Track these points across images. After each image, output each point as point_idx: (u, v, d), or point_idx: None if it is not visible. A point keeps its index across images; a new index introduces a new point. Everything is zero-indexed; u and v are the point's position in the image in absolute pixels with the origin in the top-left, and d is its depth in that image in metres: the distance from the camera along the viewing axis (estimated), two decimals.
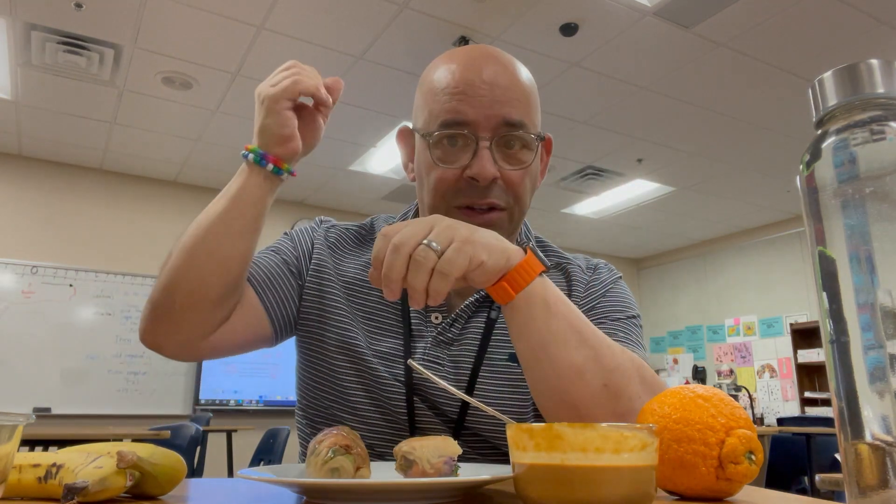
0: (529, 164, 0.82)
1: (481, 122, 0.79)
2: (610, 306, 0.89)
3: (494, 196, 0.80)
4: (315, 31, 3.49)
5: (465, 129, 0.80)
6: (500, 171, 0.80)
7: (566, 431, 0.42)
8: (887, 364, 0.34)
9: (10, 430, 0.41)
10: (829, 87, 0.40)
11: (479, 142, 0.79)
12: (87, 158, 5.32)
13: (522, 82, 0.83)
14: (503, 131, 0.80)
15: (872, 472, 0.35)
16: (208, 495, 0.58)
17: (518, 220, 0.86)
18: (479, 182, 0.79)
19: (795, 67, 3.84)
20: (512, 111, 0.80)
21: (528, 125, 0.82)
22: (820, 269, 0.38)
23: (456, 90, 0.80)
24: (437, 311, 0.87)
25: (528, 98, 0.83)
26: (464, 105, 0.79)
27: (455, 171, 0.80)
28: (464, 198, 0.80)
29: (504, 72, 0.82)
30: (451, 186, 0.81)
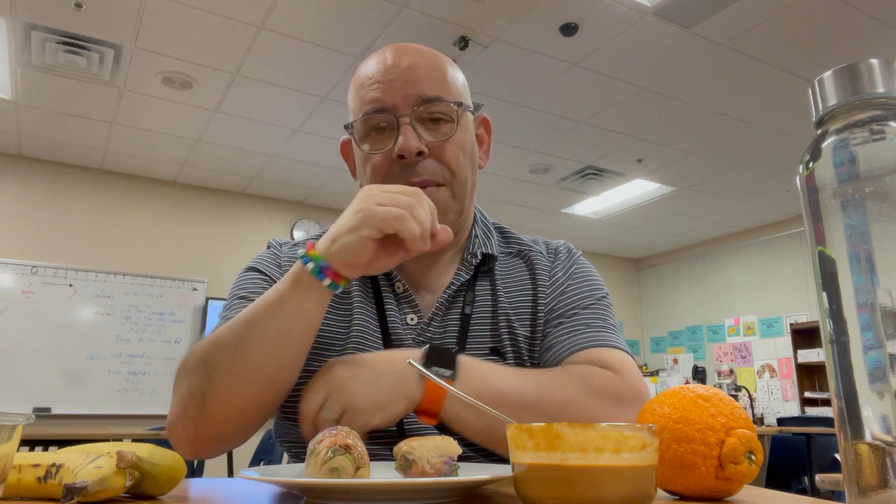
0: (454, 134, 0.83)
1: (398, 103, 0.81)
2: (578, 292, 0.89)
3: (427, 172, 0.81)
4: (315, 31, 3.49)
5: (385, 113, 0.81)
6: (427, 146, 0.81)
7: (566, 431, 0.42)
8: (887, 364, 0.34)
9: (10, 430, 0.41)
10: (829, 87, 0.40)
11: (400, 119, 0.81)
12: (87, 158, 5.32)
13: (433, 61, 0.86)
14: (421, 106, 0.81)
15: (872, 472, 0.35)
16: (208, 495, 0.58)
17: (461, 197, 0.86)
18: (407, 157, 0.80)
19: (795, 67, 3.84)
20: (427, 87, 0.82)
21: (445, 98, 0.83)
22: (820, 269, 0.38)
23: (369, 80, 0.83)
24: (412, 311, 0.86)
25: (442, 74, 0.85)
26: (380, 92, 0.81)
27: (385, 155, 0.82)
28: (398, 179, 0.81)
29: (417, 56, 0.84)
30: (385, 171, 0.82)
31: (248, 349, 0.68)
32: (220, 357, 0.69)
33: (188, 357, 0.72)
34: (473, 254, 0.89)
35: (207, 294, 5.70)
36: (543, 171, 5.49)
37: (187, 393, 0.71)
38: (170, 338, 5.51)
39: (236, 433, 0.73)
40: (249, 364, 0.68)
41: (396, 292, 0.87)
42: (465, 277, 0.88)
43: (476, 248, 0.90)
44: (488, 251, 0.90)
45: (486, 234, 0.93)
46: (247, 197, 6.10)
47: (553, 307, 0.88)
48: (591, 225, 6.97)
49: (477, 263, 0.89)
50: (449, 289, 0.87)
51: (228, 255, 5.80)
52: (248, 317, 0.70)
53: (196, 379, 0.70)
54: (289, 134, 4.75)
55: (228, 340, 0.69)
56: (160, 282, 5.56)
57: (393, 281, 0.88)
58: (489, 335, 0.86)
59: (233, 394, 0.69)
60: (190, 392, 0.70)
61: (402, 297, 0.87)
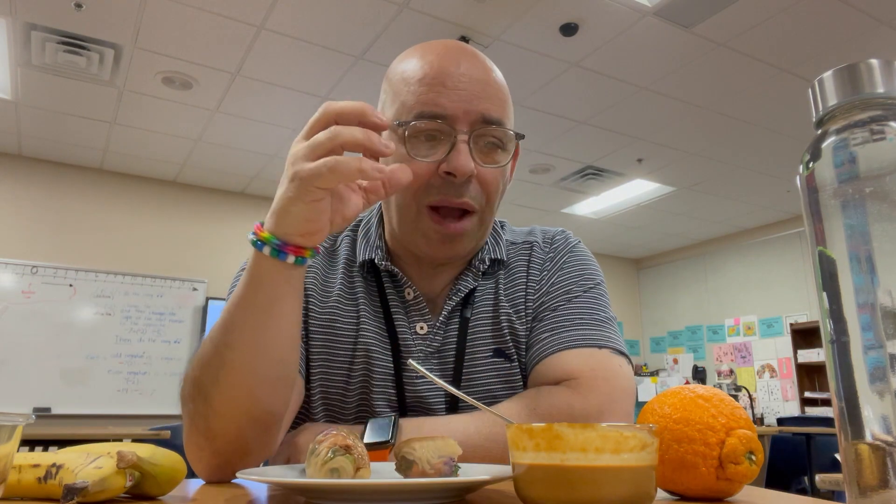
0: (505, 164, 0.80)
1: (460, 116, 0.75)
2: (565, 283, 0.86)
3: (469, 195, 0.77)
4: (315, 31, 3.49)
5: (443, 122, 0.75)
6: (476, 169, 0.76)
7: (566, 432, 0.42)
8: (887, 364, 0.34)
9: (10, 430, 0.41)
10: (829, 87, 0.40)
11: (458, 136, 0.75)
12: (87, 158, 5.32)
13: (499, 81, 0.81)
14: (481, 127, 0.76)
15: (872, 472, 0.35)
16: (208, 496, 0.58)
17: (487, 225, 0.82)
18: (457, 178, 0.75)
19: (795, 67, 3.84)
20: (491, 107, 0.77)
21: (506, 123, 0.79)
22: (820, 269, 0.38)
23: (434, 80, 0.76)
24: (422, 319, 0.84)
25: (504, 97, 0.81)
26: (442, 97, 0.75)
27: (430, 166, 0.75)
28: (437, 195, 0.76)
29: (482, 67, 0.79)
30: (424, 183, 0.76)
31: (232, 355, 0.64)
32: (210, 374, 0.65)
33: (184, 384, 0.68)
34: (482, 260, 0.87)
35: (207, 294, 5.70)
36: (543, 171, 5.49)
37: (190, 425, 0.67)
38: (170, 338, 5.51)
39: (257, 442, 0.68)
40: (239, 370, 0.64)
41: (406, 300, 0.85)
42: (473, 284, 0.86)
43: (485, 254, 0.87)
44: (496, 256, 0.88)
45: (496, 238, 0.91)
46: (247, 197, 6.10)
47: (540, 300, 0.85)
48: (591, 225, 6.97)
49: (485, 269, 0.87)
50: (456, 296, 0.85)
51: (228, 255, 5.79)
52: (224, 320, 0.65)
53: (194, 405, 0.66)
54: (289, 134, 4.75)
55: (212, 353, 0.65)
56: (160, 282, 5.56)
57: (402, 287, 0.85)
58: (491, 337, 0.84)
59: (233, 407, 0.65)
60: (192, 424, 0.67)
61: (411, 305, 0.85)
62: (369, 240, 0.88)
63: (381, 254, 0.86)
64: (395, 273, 0.85)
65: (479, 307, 0.86)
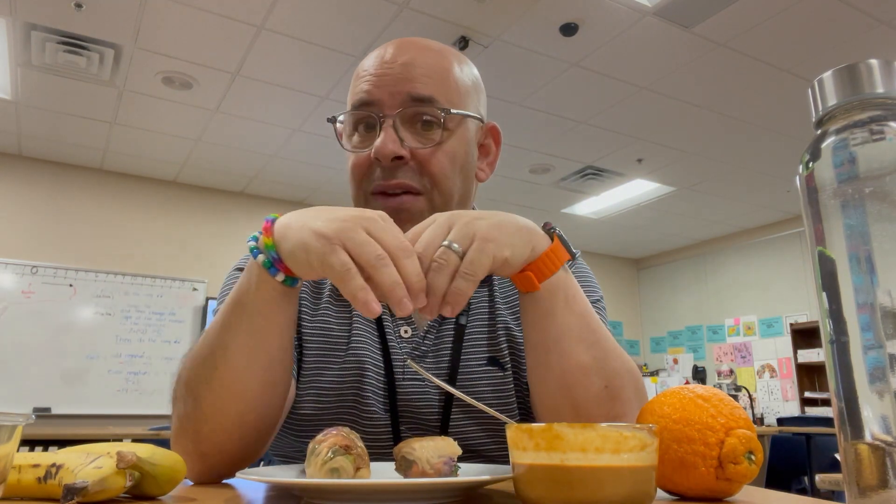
0: (441, 142, 0.77)
1: (385, 100, 0.76)
2: None
3: (404, 177, 0.76)
4: (315, 31, 3.49)
5: (371, 109, 0.76)
6: (410, 151, 0.76)
7: (566, 432, 0.42)
8: (887, 364, 0.34)
9: (10, 430, 0.41)
10: (828, 87, 0.40)
11: (383, 120, 0.76)
12: (87, 158, 5.32)
13: (442, 65, 0.79)
14: (409, 106, 0.76)
15: (872, 472, 0.35)
16: (208, 496, 0.58)
17: (442, 207, 0.78)
18: (381, 161, 0.75)
19: (795, 67, 3.84)
20: (419, 86, 0.76)
21: (440, 101, 0.77)
22: (820, 269, 0.38)
23: (364, 73, 0.78)
24: (406, 323, 0.83)
25: (444, 78, 0.79)
26: (369, 85, 0.77)
27: (366, 156, 0.77)
28: (376, 181, 0.77)
29: (419, 52, 0.79)
30: (364, 172, 0.78)
31: (226, 355, 0.62)
32: (202, 374, 0.63)
33: (176, 384, 0.67)
34: None
35: (207, 294, 5.70)
36: (543, 171, 5.49)
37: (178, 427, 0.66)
38: (170, 338, 5.51)
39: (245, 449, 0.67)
40: (232, 371, 0.62)
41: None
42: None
43: None
44: None
45: None
46: (247, 197, 6.10)
47: None
48: (591, 225, 6.97)
49: None
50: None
51: (228, 255, 5.79)
52: (218, 322, 0.64)
53: (184, 406, 0.65)
54: (289, 134, 4.75)
55: (205, 353, 0.64)
56: (160, 282, 5.56)
57: None
58: (486, 345, 0.83)
59: (223, 409, 0.63)
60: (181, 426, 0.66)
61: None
62: None
63: None
64: None
65: (474, 314, 0.85)
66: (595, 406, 0.65)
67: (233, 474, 0.68)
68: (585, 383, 0.64)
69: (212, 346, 0.64)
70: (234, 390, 0.63)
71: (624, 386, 0.66)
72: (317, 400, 0.80)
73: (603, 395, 0.65)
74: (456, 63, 0.82)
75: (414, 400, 0.80)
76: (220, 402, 0.63)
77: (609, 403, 0.65)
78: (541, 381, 0.67)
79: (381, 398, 0.80)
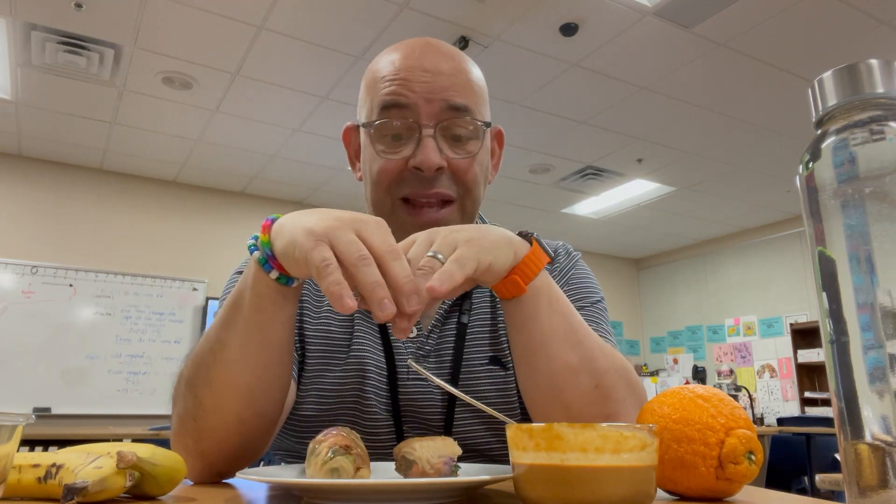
0: (477, 153, 0.79)
1: (422, 106, 0.76)
2: (573, 294, 0.86)
3: (441, 186, 0.77)
4: (315, 31, 3.49)
5: (406, 114, 0.76)
6: (446, 160, 0.77)
7: (566, 431, 0.42)
8: (887, 364, 0.34)
9: (10, 430, 0.41)
10: (828, 87, 0.40)
11: (423, 129, 0.75)
12: (87, 158, 5.32)
13: (467, 70, 0.80)
14: (447, 116, 0.76)
15: (872, 472, 0.35)
16: (208, 496, 0.58)
17: (471, 214, 0.82)
18: (424, 172, 0.75)
19: (795, 67, 3.84)
20: (455, 95, 0.77)
21: (474, 111, 0.78)
22: (820, 270, 0.38)
23: (396, 76, 0.77)
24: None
25: (472, 85, 0.80)
26: (404, 89, 0.76)
27: (398, 162, 0.77)
28: (408, 188, 0.77)
29: (447, 60, 0.79)
30: (395, 178, 0.77)
31: (226, 353, 0.62)
32: (203, 372, 0.64)
33: (177, 383, 0.68)
34: None
35: (207, 294, 5.70)
36: (543, 171, 5.49)
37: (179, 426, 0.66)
38: (170, 338, 5.51)
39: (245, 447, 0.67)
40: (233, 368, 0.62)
41: None
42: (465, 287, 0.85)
43: None
44: None
45: None
46: (247, 197, 6.10)
47: None
48: (591, 225, 6.97)
49: None
50: (447, 300, 0.83)
51: (228, 255, 5.79)
52: (217, 321, 0.64)
53: (184, 404, 0.65)
54: (289, 134, 4.76)
55: (206, 351, 0.64)
56: (160, 282, 5.56)
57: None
58: (488, 344, 0.83)
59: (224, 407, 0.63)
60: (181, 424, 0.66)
61: None
62: None
63: None
64: None
65: (476, 313, 0.85)
66: (587, 406, 0.64)
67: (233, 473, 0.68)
68: (574, 383, 0.64)
69: (211, 344, 0.64)
70: (232, 386, 0.63)
71: (615, 385, 0.66)
72: (318, 401, 0.80)
73: (594, 394, 0.65)
74: (473, 69, 0.83)
75: (417, 401, 0.80)
76: (219, 400, 0.63)
77: (601, 403, 0.65)
78: (530, 384, 0.67)
79: (384, 399, 0.80)
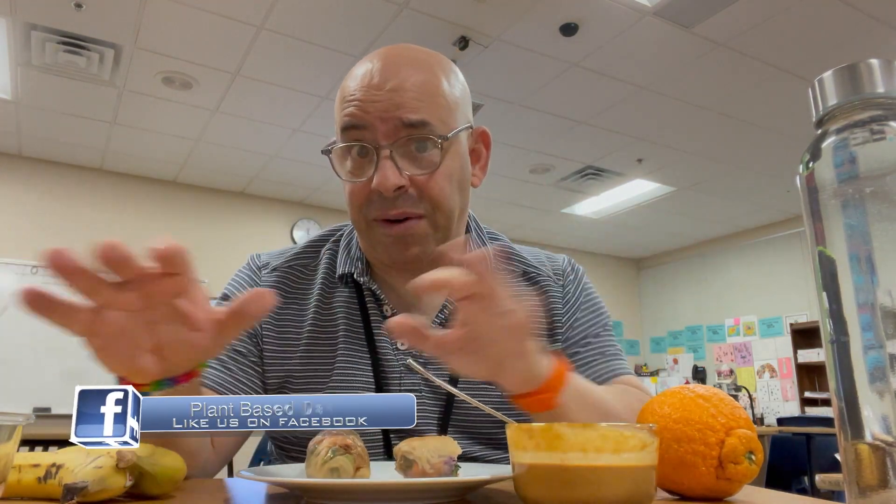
0: (439, 166, 0.77)
1: (378, 125, 0.75)
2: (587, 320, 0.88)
3: (405, 205, 0.76)
4: (315, 31, 3.49)
5: (364, 135, 0.76)
6: (409, 178, 0.76)
7: (566, 431, 0.42)
8: (887, 364, 0.34)
9: (10, 430, 0.41)
10: (829, 86, 0.40)
11: (380, 151, 0.75)
12: (87, 158, 5.31)
13: (429, 80, 0.78)
14: (404, 134, 0.75)
15: (872, 472, 0.35)
16: (208, 495, 0.58)
17: (446, 226, 0.80)
18: (384, 193, 0.75)
19: (795, 67, 3.84)
20: (410, 111, 0.75)
21: (434, 124, 0.76)
22: (820, 269, 0.38)
23: (353, 97, 0.77)
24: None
25: (433, 96, 0.77)
26: (360, 110, 0.76)
27: (364, 185, 0.77)
28: (375, 210, 0.77)
29: (409, 72, 0.77)
30: (364, 200, 0.78)
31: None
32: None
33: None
34: None
35: (207, 294, 5.69)
36: (543, 171, 5.49)
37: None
38: None
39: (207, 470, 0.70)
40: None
41: (385, 316, 0.83)
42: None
43: None
44: None
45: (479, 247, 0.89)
46: (247, 197, 6.10)
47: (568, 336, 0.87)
48: (591, 225, 6.97)
49: None
50: (444, 311, 0.83)
51: (228, 256, 5.77)
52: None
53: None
54: (289, 134, 4.75)
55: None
56: None
57: (382, 304, 0.84)
58: None
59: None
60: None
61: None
62: (350, 252, 0.88)
63: (362, 266, 0.85)
64: (373, 289, 0.84)
65: None
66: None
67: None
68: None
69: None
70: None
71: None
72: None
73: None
74: (443, 75, 0.80)
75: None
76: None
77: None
78: None
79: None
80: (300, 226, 6.21)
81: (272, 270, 0.88)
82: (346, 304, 0.85)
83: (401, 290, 0.85)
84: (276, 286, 0.86)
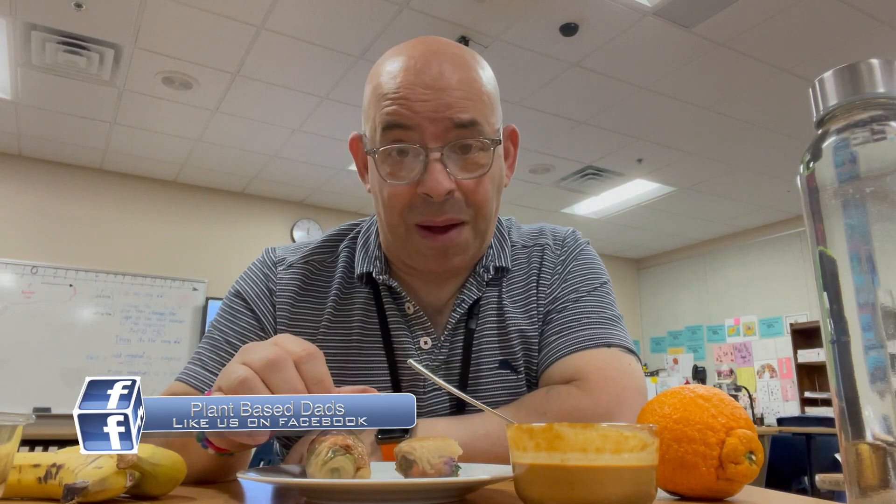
0: (489, 169, 0.74)
1: (427, 127, 0.71)
2: (569, 284, 0.84)
3: (452, 210, 0.74)
4: (315, 31, 3.49)
5: (410, 136, 0.72)
6: (456, 182, 0.73)
7: (566, 432, 0.42)
8: (888, 364, 0.34)
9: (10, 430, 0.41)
10: (829, 86, 0.40)
11: (429, 153, 0.71)
12: (87, 158, 5.31)
13: (473, 77, 0.75)
14: (454, 136, 0.72)
15: (873, 472, 0.35)
16: (208, 496, 0.58)
17: (484, 231, 0.79)
18: (434, 198, 0.72)
19: (795, 67, 3.84)
20: (461, 111, 0.72)
21: (483, 124, 0.73)
22: (820, 269, 0.38)
23: (397, 94, 0.72)
24: (426, 334, 0.81)
25: (479, 94, 0.75)
26: (406, 109, 0.72)
27: (407, 188, 0.73)
28: (419, 215, 0.74)
29: (452, 69, 0.74)
30: (406, 204, 0.74)
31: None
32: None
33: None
34: (486, 268, 0.84)
35: (207, 294, 5.69)
36: (543, 171, 5.49)
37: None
38: (170, 338, 5.51)
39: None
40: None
41: (406, 314, 0.82)
42: (477, 294, 0.83)
43: (489, 261, 0.84)
44: (501, 264, 0.85)
45: (500, 244, 0.87)
46: (247, 197, 6.10)
47: (548, 304, 0.84)
48: (591, 225, 6.97)
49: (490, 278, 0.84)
50: (460, 307, 0.82)
51: (228, 255, 5.79)
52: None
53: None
54: (289, 134, 4.75)
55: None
56: (160, 282, 5.56)
57: (402, 302, 0.82)
58: (497, 348, 0.82)
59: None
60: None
61: (413, 320, 0.82)
62: (368, 250, 0.86)
63: (381, 265, 0.83)
64: (393, 287, 0.82)
65: (484, 318, 0.83)
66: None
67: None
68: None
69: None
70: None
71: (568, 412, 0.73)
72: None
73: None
74: (481, 71, 0.78)
75: (423, 412, 0.79)
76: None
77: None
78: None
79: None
80: (300, 226, 6.21)
81: (288, 267, 0.86)
82: (364, 304, 0.83)
83: (420, 289, 0.83)
84: (292, 283, 0.85)
